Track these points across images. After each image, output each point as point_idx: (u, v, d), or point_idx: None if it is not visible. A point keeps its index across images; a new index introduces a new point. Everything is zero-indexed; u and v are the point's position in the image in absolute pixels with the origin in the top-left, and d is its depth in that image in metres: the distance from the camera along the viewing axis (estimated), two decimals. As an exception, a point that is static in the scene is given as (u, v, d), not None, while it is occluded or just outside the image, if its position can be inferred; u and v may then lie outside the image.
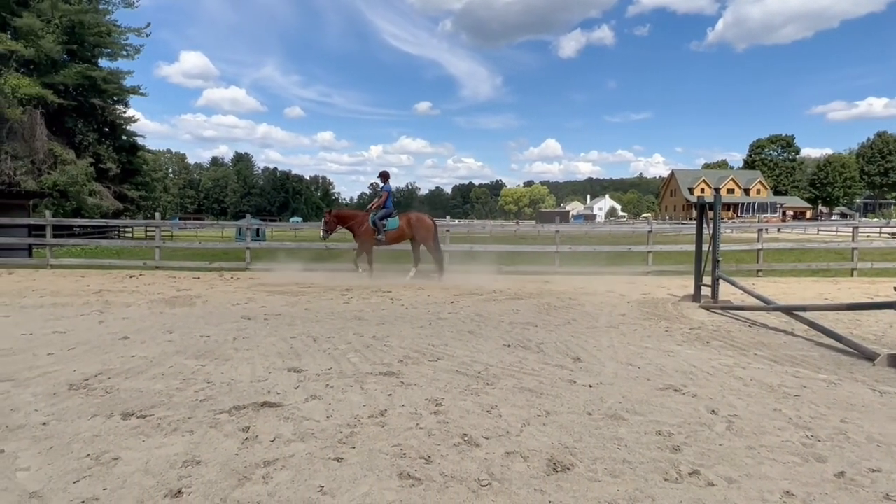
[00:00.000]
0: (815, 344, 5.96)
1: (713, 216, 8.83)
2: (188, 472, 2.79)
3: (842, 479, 2.77)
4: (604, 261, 15.29)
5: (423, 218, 12.17)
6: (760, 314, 7.58)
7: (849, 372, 4.85)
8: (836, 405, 3.93)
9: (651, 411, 3.76)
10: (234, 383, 4.29)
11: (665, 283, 11.53)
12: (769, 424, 3.52)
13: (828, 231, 34.43)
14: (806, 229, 38.06)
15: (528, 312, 7.88)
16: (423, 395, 4.05)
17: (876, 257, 13.96)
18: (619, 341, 6.00)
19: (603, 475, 2.80)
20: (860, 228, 15.54)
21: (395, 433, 3.32)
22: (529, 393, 4.14)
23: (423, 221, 12.04)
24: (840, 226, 27.57)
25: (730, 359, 5.27)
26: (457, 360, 5.13)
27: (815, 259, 15.48)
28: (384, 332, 6.37)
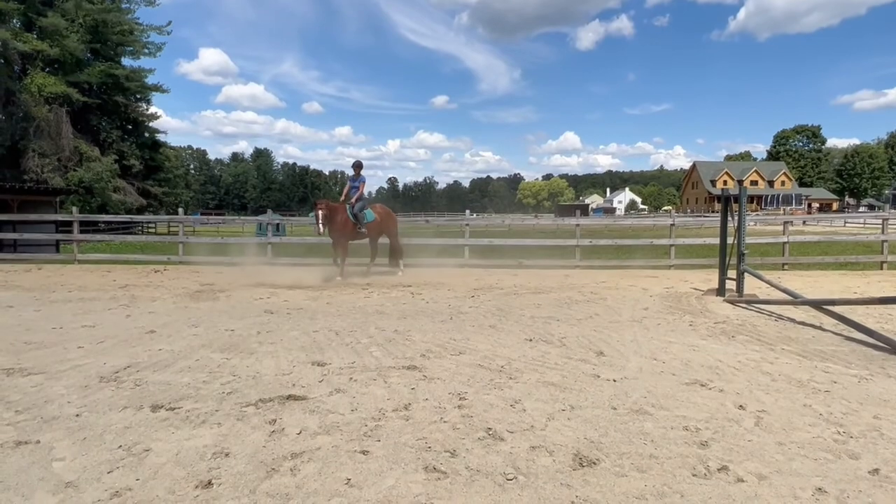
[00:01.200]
0: (844, 339, 5.84)
1: (738, 208, 8.68)
2: (217, 463, 2.83)
3: (876, 477, 2.71)
4: (625, 254, 15.16)
5: (389, 210, 12.26)
6: (787, 308, 7.45)
7: (881, 367, 4.74)
8: (869, 401, 3.84)
9: (677, 406, 3.72)
10: (259, 376, 4.34)
11: (688, 277, 11.38)
12: (799, 420, 3.46)
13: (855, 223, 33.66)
14: (833, 221, 37.23)
15: (549, 307, 7.84)
16: (446, 389, 4.05)
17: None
18: (642, 335, 5.94)
19: (630, 470, 2.78)
20: (890, 220, 15.15)
21: (420, 427, 3.33)
22: (553, 387, 4.12)
23: (391, 213, 12.15)
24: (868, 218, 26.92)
25: (756, 353, 5.19)
26: (479, 354, 5.12)
27: (843, 252, 15.13)
28: (406, 326, 6.39)
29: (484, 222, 27.58)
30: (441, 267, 12.97)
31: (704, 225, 22.82)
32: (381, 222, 11.67)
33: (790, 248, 13.34)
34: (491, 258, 14.00)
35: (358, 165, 11.72)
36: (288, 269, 12.59)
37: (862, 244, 15.52)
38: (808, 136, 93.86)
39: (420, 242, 15.04)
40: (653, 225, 19.75)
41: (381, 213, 11.83)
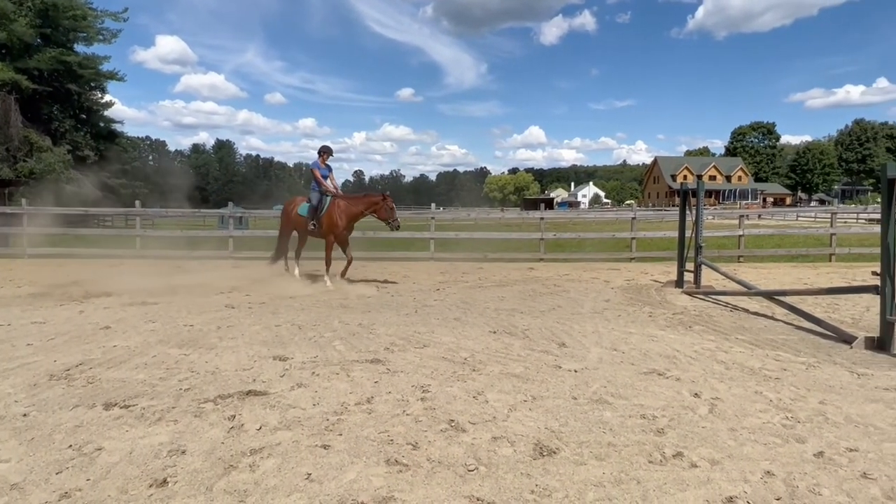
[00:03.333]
0: (794, 328, 6.07)
1: (696, 203, 8.91)
2: (173, 461, 2.76)
3: (821, 459, 2.83)
4: (588, 247, 15.41)
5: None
6: (742, 299, 7.69)
7: (827, 355, 4.94)
8: (816, 387, 4.01)
9: (635, 395, 3.80)
10: (218, 372, 4.26)
11: (648, 269, 11.64)
12: (751, 407, 3.58)
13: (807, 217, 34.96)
14: (786, 215, 38.59)
15: (513, 299, 7.92)
16: (409, 382, 4.05)
17: (853, 243, 14.20)
18: (603, 327, 6.05)
19: (589, 458, 2.83)
20: (838, 215, 15.80)
21: (382, 420, 3.32)
22: (516, 378, 4.16)
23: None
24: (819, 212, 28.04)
25: (712, 343, 5.34)
26: (443, 346, 5.13)
27: (795, 245, 15.72)
28: (370, 319, 6.35)
29: (450, 216, 27.63)
30: (407, 260, 12.95)
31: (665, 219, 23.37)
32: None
33: (745, 241, 13.78)
34: (457, 251, 14.04)
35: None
36: (251, 263, 12.37)
37: (813, 237, 16.14)
38: (764, 132, 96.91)
39: (386, 236, 14.97)
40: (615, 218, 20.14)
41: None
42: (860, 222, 24.25)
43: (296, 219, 9.55)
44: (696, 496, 2.46)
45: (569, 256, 13.92)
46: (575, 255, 14.04)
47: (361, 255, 13.47)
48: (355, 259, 13.17)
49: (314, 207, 9.26)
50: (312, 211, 9.25)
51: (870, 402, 3.68)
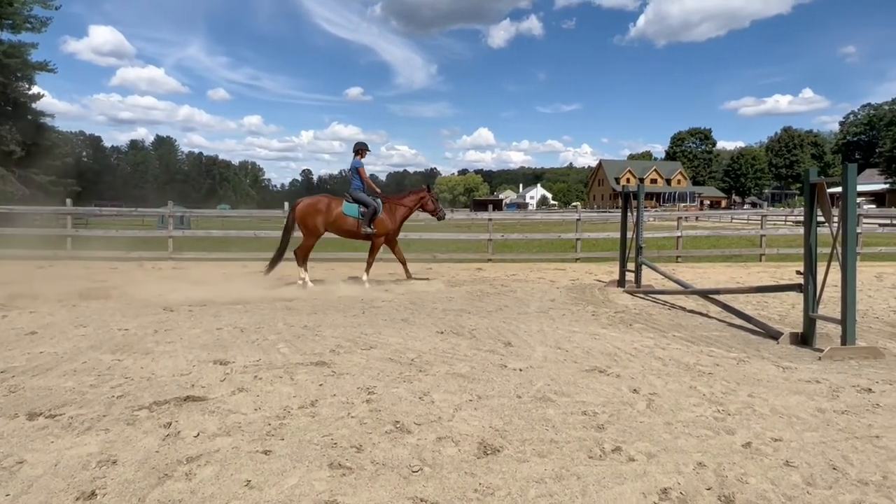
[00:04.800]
0: (727, 325, 6.36)
1: (637, 205, 9.21)
2: (103, 472, 2.63)
3: (748, 449, 2.98)
4: (535, 248, 15.68)
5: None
6: (679, 297, 8.01)
7: (756, 350, 5.21)
8: (745, 381, 4.21)
9: (577, 392, 3.90)
10: (154, 378, 4.09)
11: (593, 269, 11.95)
12: (685, 401, 3.73)
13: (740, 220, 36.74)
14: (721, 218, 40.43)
15: (461, 299, 7.96)
16: (355, 384, 4.01)
17: (781, 244, 15.03)
18: (548, 326, 6.17)
19: (531, 455, 2.88)
20: (768, 217, 16.68)
21: (326, 423, 3.27)
22: (462, 378, 4.19)
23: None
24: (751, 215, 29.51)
25: (651, 340, 5.54)
26: (390, 347, 5.11)
27: (729, 245, 16.49)
28: (316, 321, 6.25)
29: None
30: (355, 261, 12.81)
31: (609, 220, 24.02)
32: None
33: (683, 242, 14.35)
34: (406, 252, 13.97)
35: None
36: (192, 264, 11.96)
37: (745, 238, 16.97)
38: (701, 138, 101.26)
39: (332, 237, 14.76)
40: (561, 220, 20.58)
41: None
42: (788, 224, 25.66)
43: (338, 219, 8.96)
44: (632, 489, 2.54)
45: (516, 257, 14.12)
46: (522, 256, 14.25)
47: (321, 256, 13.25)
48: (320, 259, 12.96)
49: (373, 209, 8.95)
50: (371, 213, 8.93)
51: (793, 395, 3.90)
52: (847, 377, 4.33)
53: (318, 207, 8.95)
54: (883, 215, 25.88)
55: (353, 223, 8.99)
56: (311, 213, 8.91)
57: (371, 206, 8.97)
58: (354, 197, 9.03)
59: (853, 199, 5.05)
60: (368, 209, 8.95)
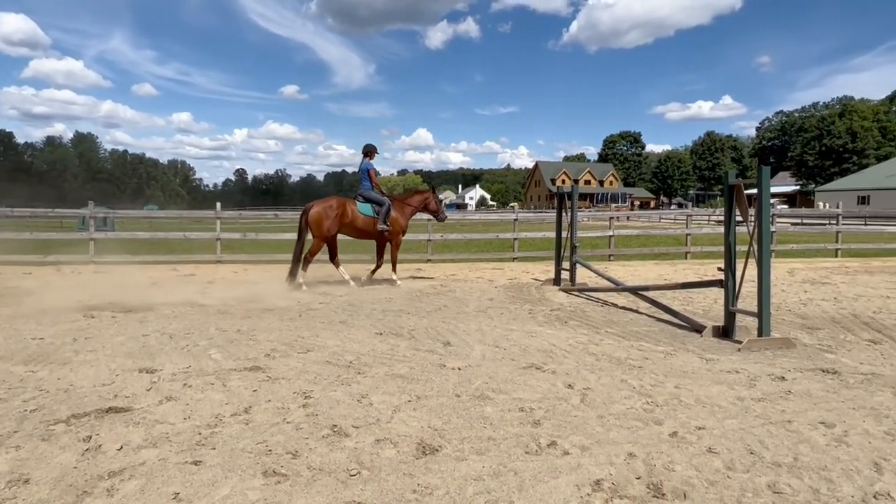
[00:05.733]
0: (655, 320, 6.65)
1: (571, 205, 9.48)
2: (13, 492, 2.45)
3: (675, 438, 3.12)
4: (474, 248, 15.84)
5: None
6: (612, 295, 8.30)
7: (682, 343, 5.48)
8: (672, 373, 4.41)
9: (515, 389, 3.96)
10: (73, 389, 3.85)
11: (530, 268, 12.20)
12: (617, 394, 3.87)
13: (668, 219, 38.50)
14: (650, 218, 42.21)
15: (400, 300, 7.94)
16: (291, 389, 3.92)
17: (705, 242, 15.85)
18: (486, 325, 6.24)
19: (469, 454, 2.90)
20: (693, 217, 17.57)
21: (261, 430, 3.18)
22: (401, 379, 4.17)
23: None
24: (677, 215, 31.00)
25: (585, 336, 5.71)
26: (328, 350, 5.03)
27: (657, 244, 17.24)
28: (250, 325, 6.07)
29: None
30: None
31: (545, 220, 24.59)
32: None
33: (615, 241, 14.89)
34: (345, 253, 13.79)
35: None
36: (116, 268, 11.34)
37: (672, 237, 17.79)
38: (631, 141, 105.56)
39: (269, 238, 14.40)
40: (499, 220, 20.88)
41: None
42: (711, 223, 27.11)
43: (355, 219, 9.07)
44: (567, 482, 2.61)
45: (455, 257, 14.22)
46: (461, 256, 14.37)
47: (244, 258, 12.87)
48: (238, 261, 12.55)
49: (387, 207, 9.18)
50: (385, 211, 9.15)
51: (715, 385, 4.12)
52: (763, 366, 4.62)
53: (333, 210, 8.95)
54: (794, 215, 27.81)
55: (369, 222, 9.19)
56: (325, 217, 8.88)
57: (385, 203, 9.23)
58: (366, 196, 9.25)
59: (767, 200, 5.40)
60: (383, 207, 9.19)
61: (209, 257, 12.57)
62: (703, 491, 2.53)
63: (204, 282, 9.53)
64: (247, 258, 12.98)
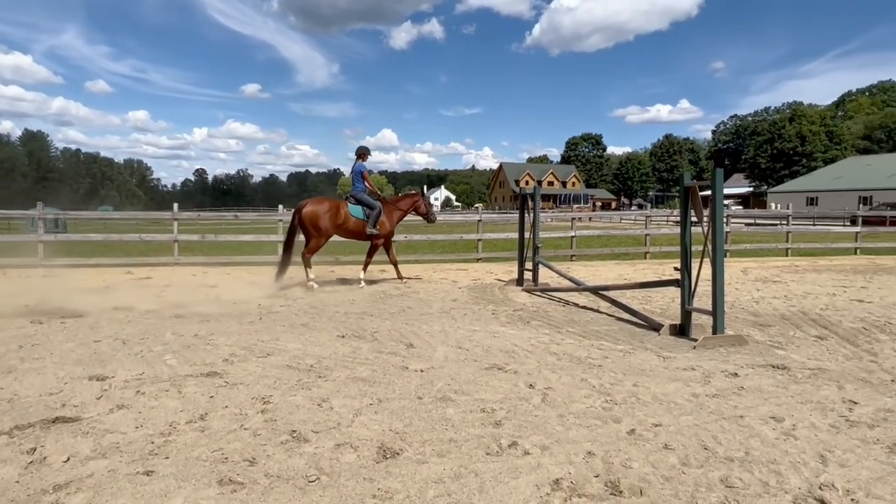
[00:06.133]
0: (615, 319, 6.77)
1: (534, 206, 9.58)
2: (-51, 510, 2.33)
3: (632, 436, 3.18)
4: (439, 249, 15.84)
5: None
6: (573, 295, 8.42)
7: (640, 342, 5.59)
8: (630, 371, 4.50)
9: (477, 390, 3.98)
10: (16, 399, 3.68)
11: (493, 269, 12.27)
12: (577, 393, 3.93)
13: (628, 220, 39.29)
14: (611, 218, 43.02)
15: (363, 302, 7.87)
16: (249, 394, 3.84)
17: (663, 242, 16.23)
18: (450, 326, 6.25)
19: (431, 456, 2.90)
20: (652, 218, 17.99)
21: (217, 437, 3.10)
22: (362, 382, 4.14)
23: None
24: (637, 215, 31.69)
25: (546, 336, 5.77)
26: (288, 354, 4.94)
27: (618, 244, 17.59)
28: (208, 329, 5.92)
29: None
30: (253, 265, 12.31)
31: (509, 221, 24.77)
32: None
33: (577, 241, 15.11)
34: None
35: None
36: (67, 271, 10.91)
37: (632, 238, 18.18)
38: (593, 143, 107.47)
39: (229, 239, 14.10)
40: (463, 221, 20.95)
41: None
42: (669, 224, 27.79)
43: (346, 220, 9.14)
44: (527, 482, 2.63)
45: (420, 258, 14.19)
46: (426, 257, 14.35)
47: (202, 260, 12.57)
48: (196, 264, 12.24)
49: (377, 210, 9.25)
50: (376, 214, 9.21)
51: (672, 382, 4.22)
52: (717, 363, 4.76)
53: (326, 209, 9.03)
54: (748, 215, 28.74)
55: (360, 224, 9.23)
56: (320, 215, 8.95)
57: (375, 207, 9.28)
58: (358, 199, 9.30)
59: (720, 201, 5.56)
60: (373, 211, 9.25)
61: (166, 260, 12.22)
62: (659, 487, 2.59)
63: (160, 285, 9.26)
64: (206, 260, 12.67)
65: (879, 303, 7.84)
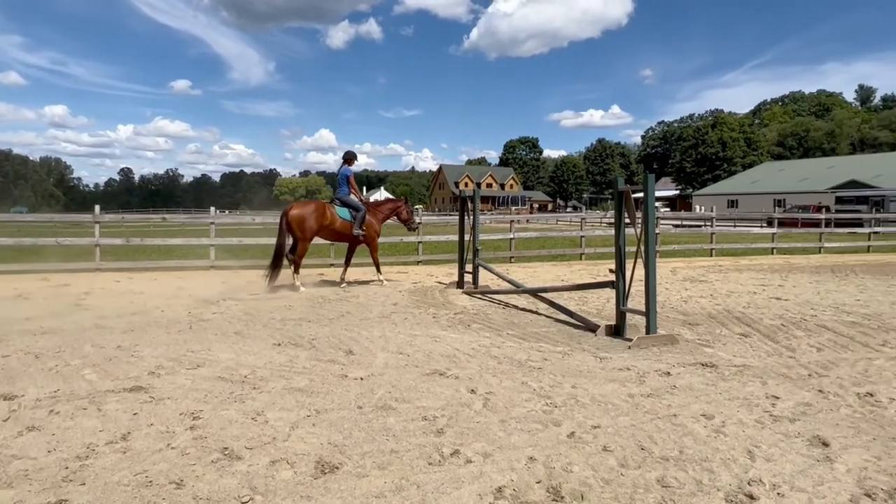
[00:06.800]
0: (554, 320, 6.89)
1: (473, 208, 9.62)
2: None
3: (572, 439, 3.21)
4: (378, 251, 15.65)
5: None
6: (512, 297, 8.51)
7: (578, 343, 5.70)
8: (569, 373, 4.57)
9: (418, 397, 3.92)
10: None
11: (434, 272, 12.25)
12: (518, 397, 3.94)
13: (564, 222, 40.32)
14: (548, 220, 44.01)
15: (301, 307, 7.66)
16: (177, 410, 3.62)
17: (598, 243, 16.73)
18: (390, 331, 6.16)
19: (371, 469, 2.82)
20: (586, 220, 18.50)
21: (141, 458, 2.90)
22: (299, 393, 3.99)
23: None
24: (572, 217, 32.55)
25: (487, 339, 5.79)
26: (220, 365, 4.72)
27: (555, 246, 17.99)
28: (132, 340, 5.57)
29: (234, 220, 25.86)
30: (183, 269, 11.75)
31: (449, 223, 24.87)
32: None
33: (516, 243, 15.33)
34: (243, 258, 13.17)
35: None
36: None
37: (568, 239, 18.63)
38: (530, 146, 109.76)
39: (157, 243, 13.40)
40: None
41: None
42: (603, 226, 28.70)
43: (334, 222, 9.40)
44: (469, 492, 2.60)
45: (359, 261, 13.96)
46: (366, 260, 14.13)
47: (127, 266, 11.89)
48: (121, 269, 11.55)
49: (363, 212, 9.59)
50: (361, 216, 9.54)
51: (609, 382, 4.31)
52: (651, 363, 4.91)
53: (312, 210, 9.25)
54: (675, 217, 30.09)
55: (346, 226, 9.54)
56: (306, 217, 9.14)
57: (361, 209, 9.65)
58: (344, 201, 9.66)
59: (652, 205, 5.76)
60: (359, 212, 9.59)
61: (87, 265, 11.46)
62: (600, 491, 2.62)
63: (80, 293, 8.67)
64: (131, 266, 11.99)
65: (795, 300, 8.36)
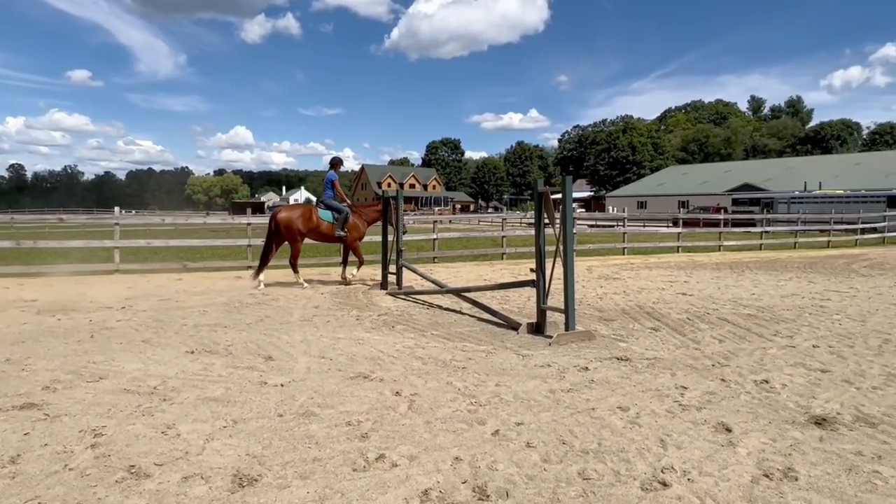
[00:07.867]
0: (477, 319, 6.97)
1: (396, 209, 9.57)
2: None
3: (497, 437, 3.25)
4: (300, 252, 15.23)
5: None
6: (436, 297, 8.54)
7: (501, 341, 5.80)
8: (493, 371, 4.63)
9: (342, 402, 3.83)
10: None
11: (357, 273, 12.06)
12: (443, 398, 3.94)
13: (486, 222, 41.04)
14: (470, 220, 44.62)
15: (216, 312, 7.30)
16: (76, 427, 3.34)
17: (518, 243, 17.14)
18: (312, 334, 6.00)
19: (293, 479, 2.72)
20: (507, 220, 18.92)
21: (33, 483, 2.64)
22: (215, 403, 3.80)
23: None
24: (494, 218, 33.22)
25: (412, 340, 5.76)
26: (126, 376, 4.40)
27: (477, 246, 18.25)
28: (24, 352, 5.09)
29: (141, 221, 24.31)
30: (84, 274, 10.90)
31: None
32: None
33: (439, 243, 15.41)
34: (151, 262, 12.42)
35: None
36: None
37: (490, 239, 18.96)
38: (452, 147, 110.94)
39: (52, 246, 12.34)
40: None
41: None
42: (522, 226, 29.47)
43: (318, 224, 9.80)
44: (395, 496, 2.56)
45: (279, 262, 13.54)
46: (284, 262, 13.72)
47: (18, 271, 10.88)
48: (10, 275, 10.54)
49: (345, 214, 9.89)
50: (343, 218, 9.85)
51: (531, 379, 4.41)
52: (570, 359, 5.07)
53: (299, 214, 9.76)
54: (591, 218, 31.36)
55: (330, 227, 9.89)
56: (294, 219, 9.62)
57: (343, 211, 9.96)
58: (327, 204, 10.04)
59: (570, 206, 5.95)
60: (341, 215, 9.90)
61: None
62: (524, 487, 2.66)
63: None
64: (22, 271, 10.96)
65: (699, 295, 8.94)
